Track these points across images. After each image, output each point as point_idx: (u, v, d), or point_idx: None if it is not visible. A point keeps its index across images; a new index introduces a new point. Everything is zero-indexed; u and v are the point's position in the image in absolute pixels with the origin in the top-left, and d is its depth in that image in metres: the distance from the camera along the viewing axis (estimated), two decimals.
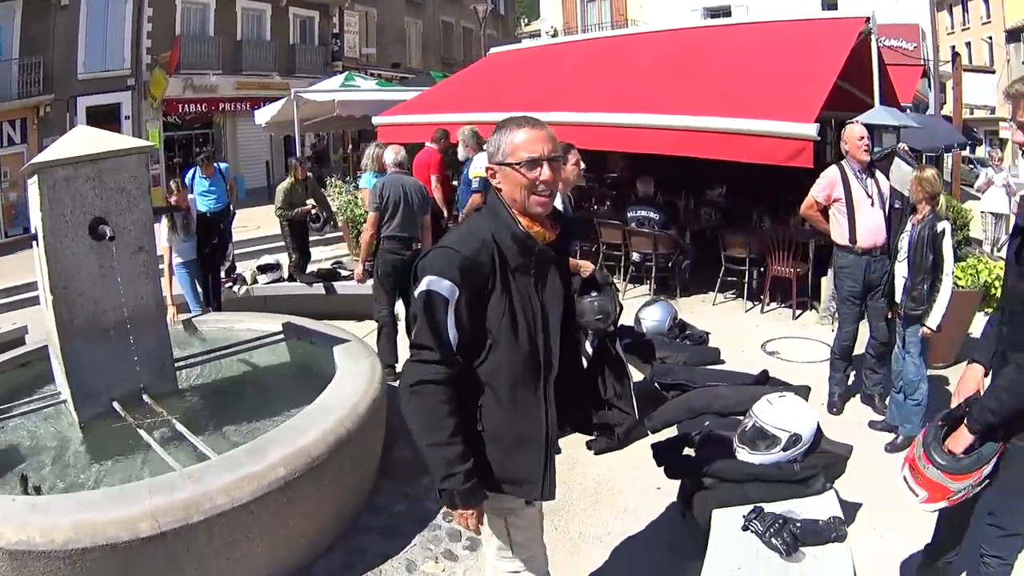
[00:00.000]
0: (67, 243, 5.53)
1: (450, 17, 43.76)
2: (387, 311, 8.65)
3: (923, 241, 6.40)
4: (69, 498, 4.53)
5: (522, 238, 3.17)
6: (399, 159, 8.84)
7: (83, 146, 5.69)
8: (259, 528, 4.69)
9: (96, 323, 5.73)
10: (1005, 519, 3.70)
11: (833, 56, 11.10)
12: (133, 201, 5.85)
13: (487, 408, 3.25)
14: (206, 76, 28.83)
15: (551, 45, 19.95)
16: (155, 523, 4.19)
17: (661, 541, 5.32)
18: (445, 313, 3.07)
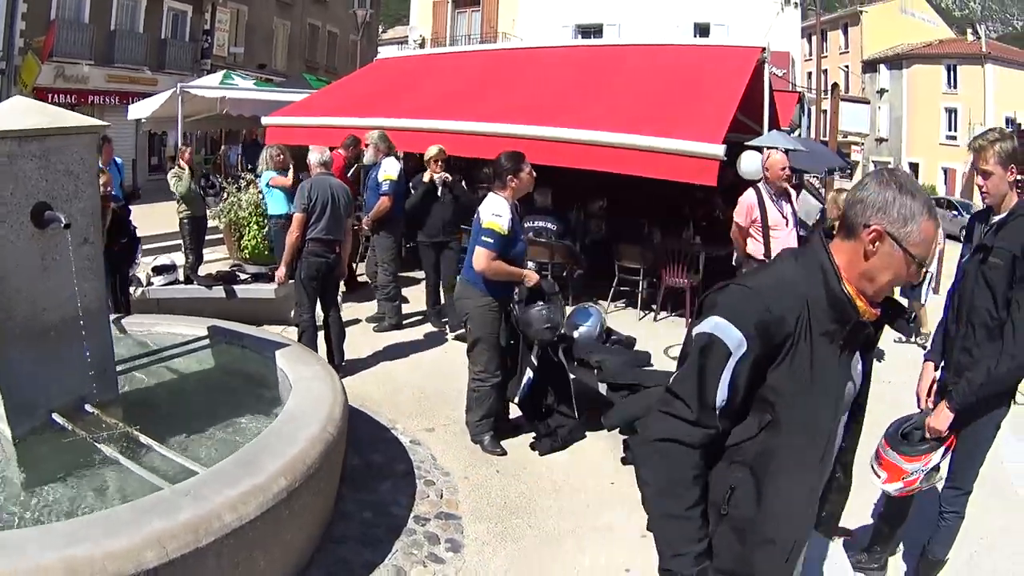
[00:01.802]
0: (6, 231, 4.35)
1: (317, 20, 41.96)
2: (309, 315, 7.90)
3: None
4: (45, 530, 3.48)
5: (843, 302, 2.38)
6: (324, 159, 8.09)
7: (27, 119, 4.50)
8: (261, 545, 3.86)
9: (34, 324, 4.58)
10: (961, 479, 4.32)
11: (734, 81, 11.18)
12: (81, 187, 4.71)
13: (742, 493, 2.43)
14: (79, 66, 26.16)
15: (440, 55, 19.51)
16: (162, 551, 3.26)
17: (633, 529, 5.01)
18: (723, 368, 2.31)
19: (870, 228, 2.29)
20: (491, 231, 5.93)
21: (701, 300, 2.50)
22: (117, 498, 3.98)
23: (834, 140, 23.38)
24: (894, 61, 54.04)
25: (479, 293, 6.16)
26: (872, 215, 2.30)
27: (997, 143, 4.05)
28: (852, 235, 2.36)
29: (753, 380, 2.33)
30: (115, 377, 5.23)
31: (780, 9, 29.27)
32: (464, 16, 36.20)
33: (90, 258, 4.87)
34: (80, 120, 4.99)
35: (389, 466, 5.88)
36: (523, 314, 6.16)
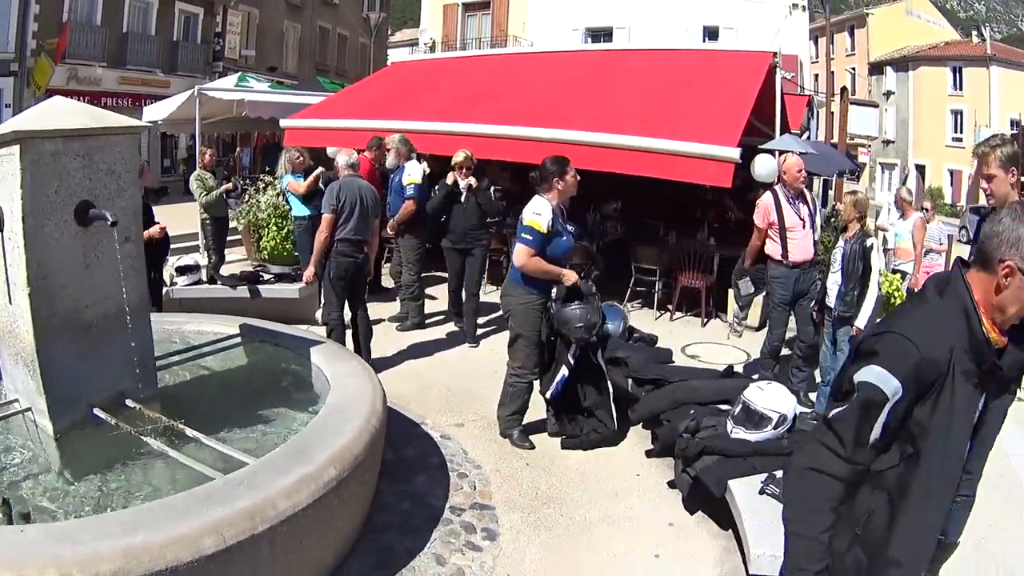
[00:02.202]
0: (50, 228, 4.41)
1: (327, 23, 41.78)
2: (337, 314, 7.98)
3: (855, 254, 6.97)
4: (102, 520, 3.54)
5: (982, 346, 2.48)
6: (351, 161, 8.16)
7: (71, 119, 4.58)
8: (312, 532, 3.94)
9: (76, 320, 4.65)
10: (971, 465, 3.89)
11: (746, 86, 11.25)
12: (123, 186, 4.78)
13: (877, 516, 2.61)
14: (92, 68, 26.03)
15: (454, 58, 19.38)
16: (220, 537, 3.34)
17: (660, 518, 5.41)
18: (879, 413, 2.45)
19: (1004, 263, 2.39)
20: (531, 228, 6.06)
21: (858, 344, 2.65)
22: (168, 489, 4.02)
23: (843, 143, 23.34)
24: (900, 63, 53.83)
25: (522, 290, 6.28)
26: (1006, 251, 2.39)
27: (998, 148, 4.39)
28: (988, 268, 2.46)
29: (905, 418, 2.48)
30: (155, 373, 5.29)
31: (788, 12, 29.25)
32: (474, 19, 36.07)
33: (132, 256, 4.92)
34: (122, 120, 5.05)
35: (423, 460, 5.98)
36: (559, 312, 6.26)
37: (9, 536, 3.31)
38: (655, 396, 6.48)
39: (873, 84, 55.67)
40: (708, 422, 5.72)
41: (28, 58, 23.89)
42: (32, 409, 4.73)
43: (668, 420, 6.09)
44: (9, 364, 4.89)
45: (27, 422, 4.78)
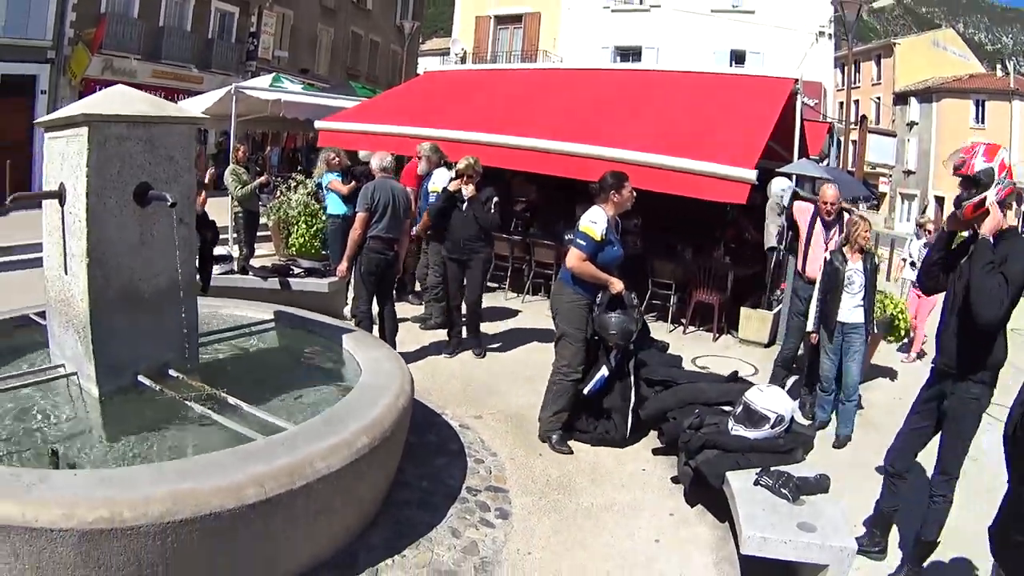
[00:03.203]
0: (111, 206, 4.76)
1: (360, 29, 42.03)
2: (366, 307, 8.39)
3: (871, 273, 7.51)
4: (154, 468, 3.86)
5: None
6: (385, 164, 8.55)
7: (135, 106, 4.94)
8: (342, 495, 4.29)
9: (129, 293, 4.99)
10: (949, 466, 4.91)
11: (767, 110, 11.53)
12: (179, 171, 5.13)
13: None
14: (127, 60, 26.11)
15: (486, 71, 19.69)
16: (261, 489, 3.67)
17: (662, 508, 5.76)
18: None
19: None
20: (585, 235, 6.39)
21: None
22: (209, 449, 4.27)
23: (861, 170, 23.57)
24: (924, 94, 53.62)
25: (570, 290, 6.62)
26: None
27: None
28: None
29: None
30: (197, 347, 5.62)
31: (814, 40, 29.47)
32: (506, 32, 36.43)
33: (184, 237, 5.26)
34: (183, 112, 5.44)
35: (443, 445, 6.31)
36: (599, 317, 6.57)
37: (61, 478, 3.63)
38: (664, 396, 6.78)
39: (897, 114, 55.50)
40: (711, 420, 6.04)
41: (65, 47, 24.09)
42: (78, 374, 5.07)
43: (674, 417, 6.41)
44: (58, 331, 5.26)
45: (71, 386, 5.11)
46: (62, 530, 3.29)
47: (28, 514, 3.27)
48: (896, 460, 5.29)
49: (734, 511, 5.01)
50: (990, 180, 4.55)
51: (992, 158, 4.58)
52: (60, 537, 3.30)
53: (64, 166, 4.87)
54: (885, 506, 5.37)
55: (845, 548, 4.60)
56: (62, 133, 4.92)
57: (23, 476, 3.56)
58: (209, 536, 3.57)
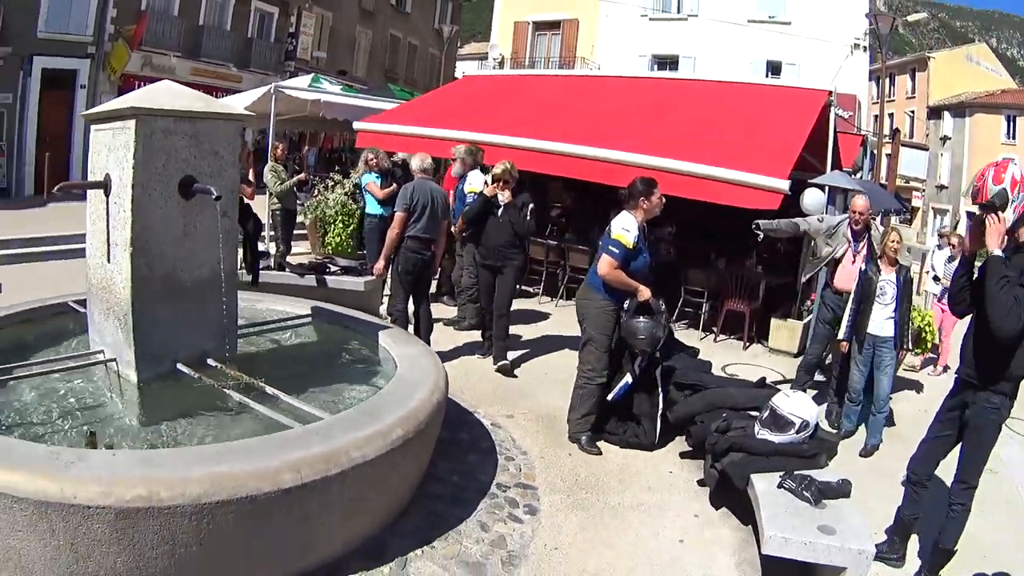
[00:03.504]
0: (156, 197, 4.86)
1: (399, 32, 42.16)
2: (402, 306, 8.44)
3: (905, 285, 7.50)
4: (192, 451, 3.99)
5: None
6: (425, 165, 8.60)
7: (181, 102, 5.03)
8: (376, 484, 4.36)
9: (171, 283, 5.08)
10: (968, 475, 4.96)
11: (801, 121, 11.54)
12: (224, 166, 5.22)
13: None
14: (166, 57, 26.27)
15: (524, 76, 19.84)
16: (297, 475, 3.74)
17: (687, 509, 5.82)
18: None
19: None
20: (618, 242, 6.44)
21: None
22: (249, 435, 4.36)
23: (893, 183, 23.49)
24: (957, 109, 53.02)
25: (600, 296, 6.66)
26: None
27: None
28: None
29: None
30: (236, 338, 5.71)
31: (850, 52, 29.32)
32: (544, 38, 36.27)
33: (227, 230, 5.34)
34: (229, 108, 5.54)
35: (474, 443, 6.39)
36: (627, 323, 6.61)
37: (100, 457, 3.73)
38: (693, 399, 6.84)
39: (931, 128, 54.97)
40: (738, 424, 6.13)
41: (105, 43, 24.27)
42: (117, 360, 5.17)
43: (702, 421, 6.49)
44: (98, 317, 5.36)
45: (109, 372, 5.21)
46: (99, 507, 3.37)
47: (67, 491, 3.36)
48: (918, 467, 5.35)
49: (757, 512, 5.09)
50: (1005, 201, 4.67)
51: (1001, 179, 4.65)
52: (97, 514, 3.38)
53: (110, 157, 4.98)
54: (906, 513, 5.42)
55: (863, 551, 4.64)
56: (109, 126, 5.02)
57: (62, 455, 3.64)
58: (244, 518, 3.64)
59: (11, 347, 5.60)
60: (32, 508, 3.38)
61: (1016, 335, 4.51)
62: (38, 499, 3.36)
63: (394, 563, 4.40)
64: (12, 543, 3.53)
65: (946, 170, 52.64)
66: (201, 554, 3.62)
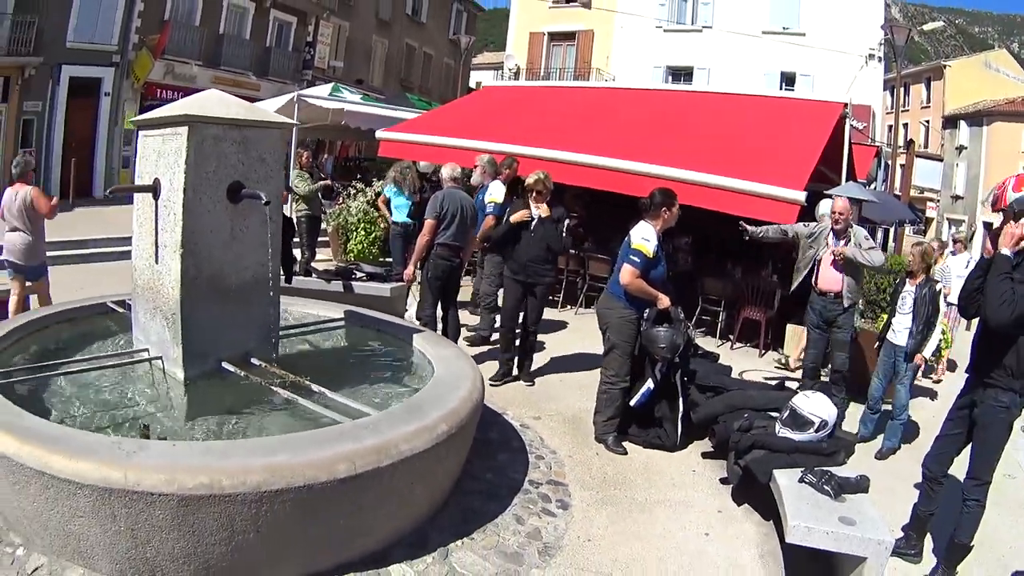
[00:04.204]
0: (205, 201, 5.09)
1: (414, 41, 42.69)
2: (431, 311, 8.63)
3: (925, 299, 7.61)
4: (250, 442, 4.23)
5: None
6: (455, 174, 8.81)
7: (230, 110, 5.27)
8: (421, 475, 4.58)
9: (218, 284, 5.31)
10: (980, 471, 5.12)
11: (817, 133, 11.81)
12: (270, 173, 5.48)
13: None
14: (188, 65, 26.81)
15: (541, 87, 20.25)
16: (351, 465, 3.96)
17: (711, 505, 6.09)
18: None
19: None
20: (639, 252, 6.69)
21: None
22: (299, 429, 4.59)
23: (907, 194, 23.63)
24: (974, 117, 52.57)
25: (621, 305, 6.92)
26: None
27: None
28: None
29: None
30: (277, 339, 5.93)
31: (864, 63, 29.43)
32: (559, 49, 36.61)
33: (272, 234, 5.60)
34: (276, 117, 5.81)
35: (505, 442, 6.63)
36: (647, 331, 6.85)
37: (161, 448, 3.95)
38: (715, 401, 7.13)
39: (946, 138, 54.66)
40: (759, 423, 6.41)
41: (129, 51, 24.85)
42: (163, 358, 5.38)
43: (724, 420, 6.77)
44: (144, 317, 5.59)
45: (154, 370, 5.43)
46: (163, 494, 3.58)
47: (131, 477, 3.57)
48: (932, 465, 5.55)
49: (780, 504, 5.31)
50: (1023, 207, 4.86)
51: (1021, 188, 4.85)
52: (160, 501, 3.59)
53: (160, 163, 5.21)
54: (921, 510, 5.62)
55: (883, 542, 4.82)
56: (159, 132, 5.26)
57: (124, 444, 3.86)
58: (300, 507, 3.85)
59: (56, 345, 5.91)
60: (96, 495, 3.59)
61: (1008, 324, 4.71)
62: (103, 486, 3.56)
63: (436, 553, 4.61)
64: (73, 528, 3.76)
65: (961, 180, 52.14)
66: (258, 540, 3.83)
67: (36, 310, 6.39)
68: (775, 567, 5.20)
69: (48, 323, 6.22)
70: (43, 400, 4.89)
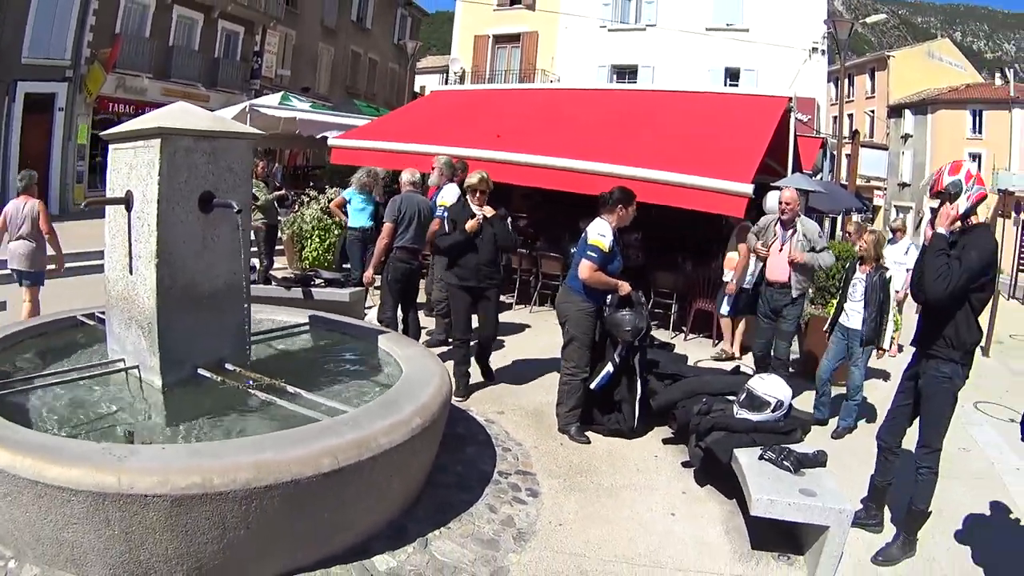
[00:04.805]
0: (178, 211, 5.26)
1: (360, 48, 42.72)
2: (392, 313, 8.91)
3: (876, 285, 7.92)
4: (232, 443, 4.42)
5: None
6: (414, 179, 9.13)
7: (199, 122, 5.47)
8: (399, 469, 4.83)
9: (191, 293, 5.48)
10: (929, 439, 5.43)
11: (763, 128, 12.28)
12: (238, 182, 5.67)
13: None
14: (139, 78, 26.81)
15: (489, 90, 20.51)
16: (335, 459, 4.19)
17: (675, 488, 6.44)
18: None
19: None
20: (595, 247, 7.02)
21: None
22: (280, 428, 4.76)
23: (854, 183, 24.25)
24: (919, 106, 53.80)
25: (579, 299, 7.22)
26: None
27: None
28: None
29: None
30: (249, 344, 6.12)
31: (808, 56, 29.99)
32: (504, 51, 37.02)
33: (241, 242, 5.81)
34: (243, 128, 6.02)
35: (472, 436, 6.92)
36: (611, 316, 7.21)
37: (151, 451, 4.13)
38: (673, 388, 7.46)
39: (892, 127, 55.78)
40: (717, 406, 6.71)
41: (82, 66, 24.77)
42: (140, 367, 5.53)
43: (683, 406, 7.08)
44: (119, 328, 5.72)
45: (130, 379, 5.59)
46: (156, 496, 3.74)
47: (124, 481, 3.72)
48: (885, 435, 5.87)
49: (742, 481, 5.58)
50: (958, 190, 5.18)
51: (957, 172, 5.24)
52: (153, 503, 3.75)
53: (132, 175, 5.38)
54: (879, 480, 5.92)
55: (844, 511, 5.08)
56: (131, 144, 5.42)
57: (114, 450, 4.02)
58: (287, 502, 4.07)
59: (31, 359, 6.04)
60: (89, 500, 3.74)
61: (944, 298, 5.03)
62: (96, 491, 3.71)
63: (416, 543, 4.87)
64: (66, 536, 3.90)
65: (908, 168, 53.25)
66: (248, 537, 4.03)
67: (6, 326, 6.48)
68: (740, 541, 5.52)
69: (20, 338, 6.33)
70: (23, 413, 4.97)
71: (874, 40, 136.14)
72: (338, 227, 13.71)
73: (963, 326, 5.20)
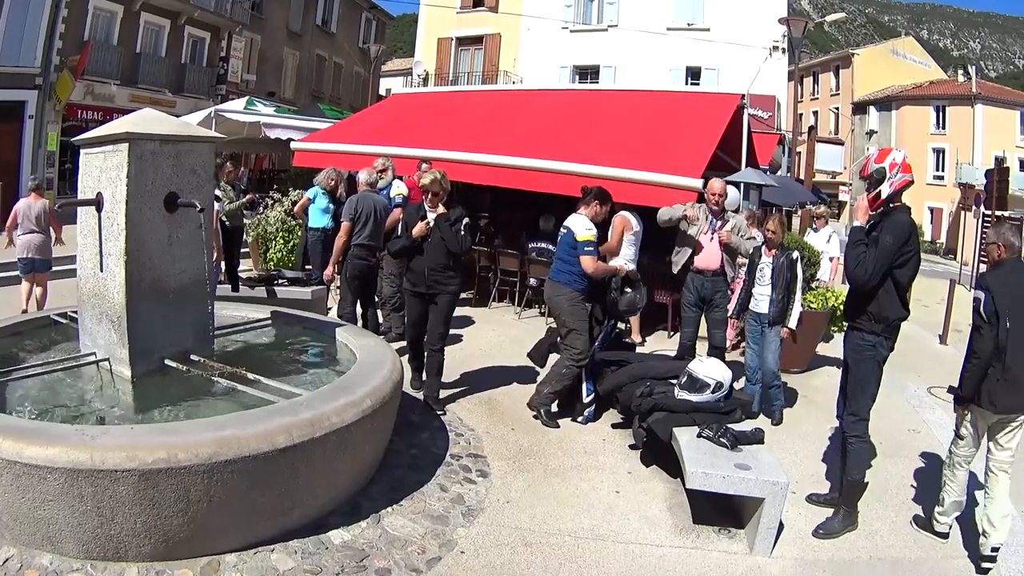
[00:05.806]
0: (145, 211, 5.61)
1: (325, 52, 42.93)
2: (351, 309, 9.34)
3: (782, 267, 8.21)
4: (195, 423, 4.76)
5: None
6: (371, 179, 9.59)
7: (164, 127, 5.86)
8: (350, 447, 5.22)
9: (158, 288, 5.84)
10: (857, 408, 5.76)
11: (714, 124, 12.69)
12: (201, 183, 6.06)
13: None
14: (107, 85, 27.15)
15: (451, 92, 20.85)
16: (290, 436, 4.60)
17: (621, 468, 6.83)
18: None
19: None
20: (589, 241, 7.55)
21: None
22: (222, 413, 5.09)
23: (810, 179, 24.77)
24: (883, 103, 54.73)
25: (568, 289, 7.68)
26: None
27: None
28: None
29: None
30: (213, 336, 6.53)
31: (768, 55, 30.39)
32: (467, 53, 37.38)
33: (204, 239, 6.20)
34: (205, 132, 6.44)
35: (426, 423, 7.33)
36: (620, 298, 8.01)
37: (120, 430, 4.55)
38: (619, 372, 7.80)
39: (856, 123, 56.61)
40: (660, 389, 7.05)
41: (51, 73, 24.91)
42: (110, 359, 5.88)
43: (627, 389, 7.43)
44: (91, 323, 6.07)
45: (101, 371, 5.93)
46: (125, 470, 4.11)
47: (96, 458, 4.10)
48: (840, 413, 6.14)
49: (680, 457, 5.87)
50: (882, 176, 5.62)
51: (883, 160, 5.69)
52: (123, 477, 4.12)
53: (102, 177, 5.74)
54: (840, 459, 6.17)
55: (778, 483, 5.37)
56: (100, 149, 5.79)
57: (87, 430, 4.40)
58: (247, 476, 4.47)
59: (6, 355, 6.33)
60: (64, 477, 4.10)
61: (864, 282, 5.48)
62: (71, 467, 4.07)
63: (370, 519, 5.28)
64: (42, 514, 4.25)
65: None
66: (211, 510, 4.42)
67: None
68: (683, 516, 5.92)
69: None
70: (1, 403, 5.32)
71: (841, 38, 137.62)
72: (302, 229, 13.98)
73: (885, 302, 5.55)
